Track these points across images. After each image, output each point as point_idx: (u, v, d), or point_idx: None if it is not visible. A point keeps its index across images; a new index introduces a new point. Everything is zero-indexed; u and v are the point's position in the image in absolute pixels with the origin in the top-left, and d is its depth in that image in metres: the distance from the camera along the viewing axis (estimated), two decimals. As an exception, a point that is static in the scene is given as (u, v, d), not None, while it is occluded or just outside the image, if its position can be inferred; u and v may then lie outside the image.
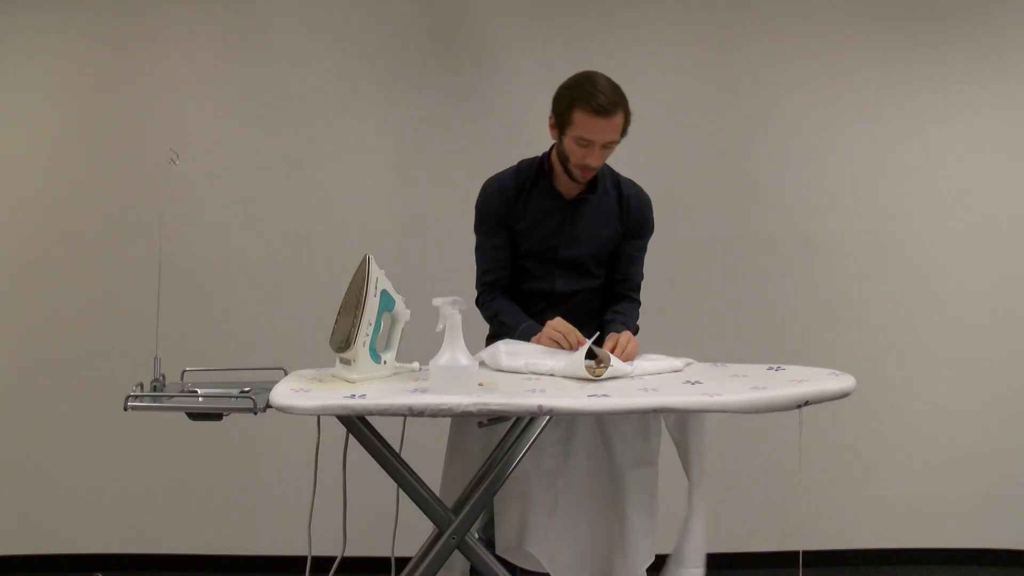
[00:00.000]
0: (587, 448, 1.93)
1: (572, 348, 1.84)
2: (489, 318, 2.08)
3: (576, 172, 1.96)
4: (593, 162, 1.93)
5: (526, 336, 1.96)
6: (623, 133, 1.93)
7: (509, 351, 1.85)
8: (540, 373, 1.78)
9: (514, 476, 1.74)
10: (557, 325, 1.90)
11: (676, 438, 1.84)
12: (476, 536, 1.97)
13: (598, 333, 1.83)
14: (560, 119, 1.94)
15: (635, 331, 2.08)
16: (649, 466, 1.91)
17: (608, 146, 1.92)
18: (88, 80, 2.96)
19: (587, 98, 1.85)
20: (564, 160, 1.97)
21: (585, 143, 1.89)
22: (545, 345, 1.89)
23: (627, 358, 1.83)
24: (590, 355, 1.77)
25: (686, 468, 1.83)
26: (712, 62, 3.03)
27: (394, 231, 2.98)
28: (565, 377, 1.74)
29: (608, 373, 1.70)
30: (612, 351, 1.81)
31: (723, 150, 3.03)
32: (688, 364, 1.87)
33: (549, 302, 2.07)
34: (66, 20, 2.94)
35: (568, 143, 1.93)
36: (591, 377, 1.69)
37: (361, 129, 2.99)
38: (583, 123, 1.87)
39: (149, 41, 2.96)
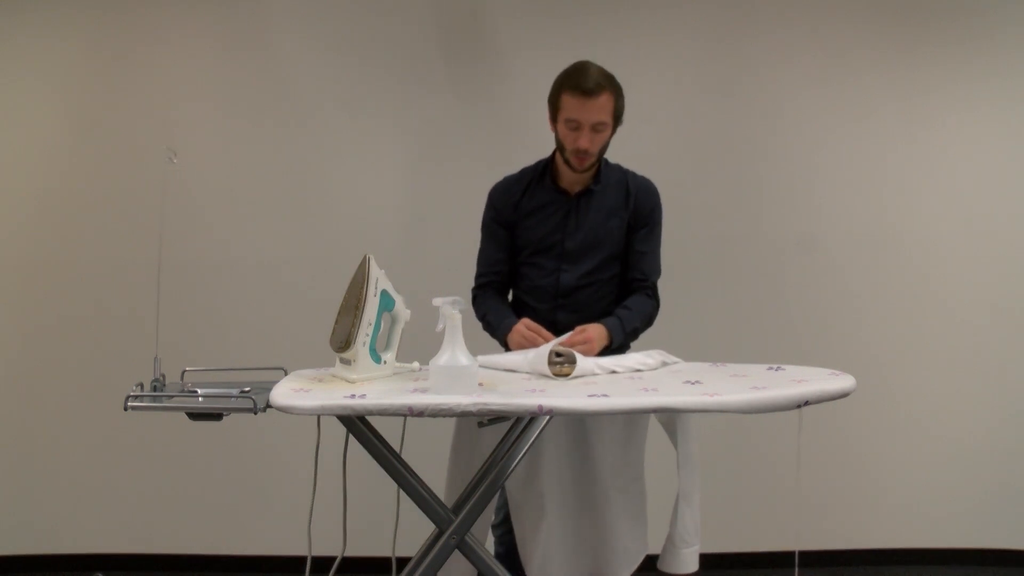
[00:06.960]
0: (566, 452, 1.93)
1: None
2: (480, 318, 2.13)
3: (572, 159, 2.00)
4: (584, 144, 1.96)
5: (504, 335, 2.02)
6: (617, 118, 1.99)
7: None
8: (516, 371, 1.82)
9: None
10: (524, 327, 1.97)
11: (665, 426, 1.87)
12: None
13: (566, 335, 1.89)
14: (552, 106, 2.03)
15: (634, 328, 2.06)
16: (631, 469, 1.95)
17: (599, 129, 1.96)
18: (88, 80, 2.95)
19: (572, 81, 1.95)
20: (561, 149, 2.03)
21: (574, 125, 1.96)
22: (517, 347, 1.95)
23: (587, 352, 1.86)
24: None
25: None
26: (712, 62, 3.02)
27: (395, 231, 2.97)
28: (530, 373, 1.78)
29: (576, 372, 1.74)
30: (574, 343, 1.87)
31: (723, 150, 3.03)
32: (665, 364, 1.88)
33: (556, 298, 2.09)
34: (66, 20, 2.93)
35: (561, 129, 2.00)
36: (552, 376, 1.74)
37: (361, 128, 2.99)
38: (569, 104, 1.96)
39: (149, 41, 2.95)
